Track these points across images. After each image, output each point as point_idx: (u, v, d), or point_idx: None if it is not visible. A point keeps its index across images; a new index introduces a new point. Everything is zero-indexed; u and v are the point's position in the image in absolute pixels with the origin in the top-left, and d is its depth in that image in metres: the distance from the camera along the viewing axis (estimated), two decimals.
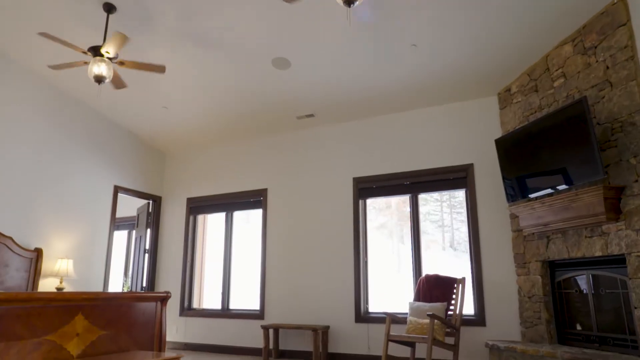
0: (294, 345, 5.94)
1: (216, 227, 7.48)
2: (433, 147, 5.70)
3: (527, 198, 4.54)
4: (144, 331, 4.24)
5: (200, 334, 6.68)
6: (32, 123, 5.72)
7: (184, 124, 6.78)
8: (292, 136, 6.72)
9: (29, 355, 3.33)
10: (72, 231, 6.06)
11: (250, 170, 6.93)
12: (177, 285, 7.09)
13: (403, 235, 10.08)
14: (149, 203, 7.50)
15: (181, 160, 7.65)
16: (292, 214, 6.43)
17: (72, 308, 3.65)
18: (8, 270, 5.18)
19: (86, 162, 6.36)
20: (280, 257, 6.36)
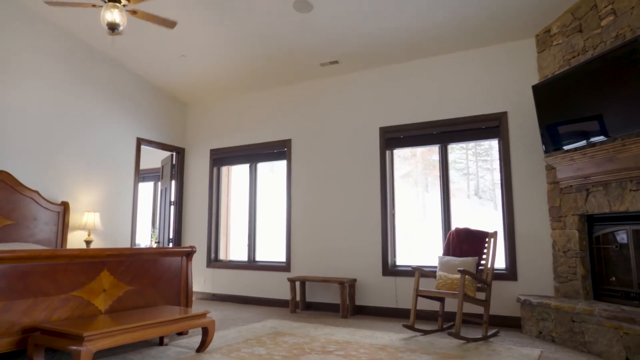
0: (320, 297, 5.96)
1: (241, 178, 7.39)
2: (464, 94, 5.35)
3: (566, 149, 4.22)
4: (171, 286, 4.25)
5: (227, 285, 6.77)
6: (54, 76, 5.59)
7: (205, 74, 6.55)
8: (316, 84, 6.43)
9: (57, 311, 3.36)
10: (97, 184, 6.06)
11: (273, 121, 6.73)
12: (204, 236, 7.13)
13: (428, 183, 9.87)
14: (173, 155, 7.43)
15: (203, 111, 7.48)
16: (317, 165, 6.26)
17: (97, 264, 3.64)
18: (37, 224, 5.24)
19: (108, 115, 6.25)
20: (306, 209, 6.27)
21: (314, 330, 4.63)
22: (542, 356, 3.61)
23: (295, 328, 4.72)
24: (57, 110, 5.65)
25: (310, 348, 3.86)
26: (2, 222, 4.90)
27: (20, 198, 5.08)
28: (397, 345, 3.98)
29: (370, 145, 5.88)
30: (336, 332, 4.54)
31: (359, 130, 5.99)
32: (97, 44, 6.00)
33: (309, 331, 4.57)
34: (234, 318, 5.31)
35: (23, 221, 5.10)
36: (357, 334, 4.45)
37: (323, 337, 4.27)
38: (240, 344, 3.99)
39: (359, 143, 5.97)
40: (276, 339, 4.19)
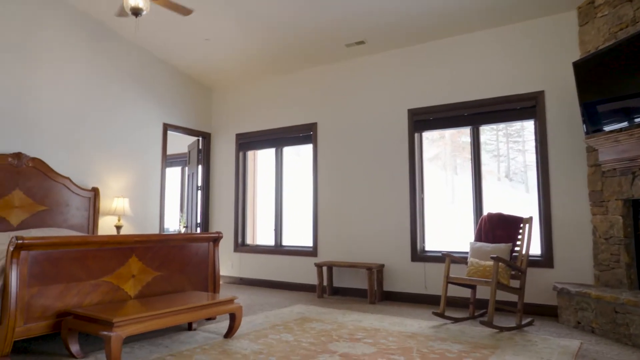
0: (348, 282, 5.90)
1: (267, 163, 7.35)
2: (498, 74, 5.11)
3: (609, 129, 3.97)
4: (198, 271, 4.26)
5: (254, 270, 6.79)
6: (82, 65, 5.62)
7: (229, 57, 6.48)
8: (342, 66, 6.27)
9: (89, 296, 3.40)
10: (126, 170, 6.12)
11: (298, 104, 6.62)
12: (231, 221, 7.15)
13: (457, 165, 9.63)
14: (199, 140, 7.44)
15: (229, 95, 7.43)
16: (343, 149, 6.15)
17: (126, 250, 3.66)
18: (69, 209, 5.33)
19: (135, 101, 6.28)
20: (332, 193, 6.18)
21: (342, 316, 4.58)
22: (582, 348, 3.45)
23: (322, 314, 4.68)
24: (86, 98, 5.69)
25: (338, 335, 3.81)
26: (36, 208, 5.01)
27: (53, 184, 5.16)
28: (426, 333, 3.89)
29: (398, 128, 5.72)
30: (364, 318, 4.48)
31: (386, 113, 5.83)
32: (123, 32, 5.99)
33: (336, 317, 4.52)
34: (261, 303, 5.32)
35: (56, 207, 5.19)
36: (386, 320, 4.38)
37: (351, 324, 4.22)
38: (268, 330, 3.98)
39: (386, 126, 5.81)
40: (303, 325, 4.16)
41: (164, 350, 3.34)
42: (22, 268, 3.02)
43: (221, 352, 3.31)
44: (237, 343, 3.55)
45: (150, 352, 3.29)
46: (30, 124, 5.10)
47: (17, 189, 4.84)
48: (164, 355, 3.22)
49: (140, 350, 3.34)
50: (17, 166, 4.86)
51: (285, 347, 3.45)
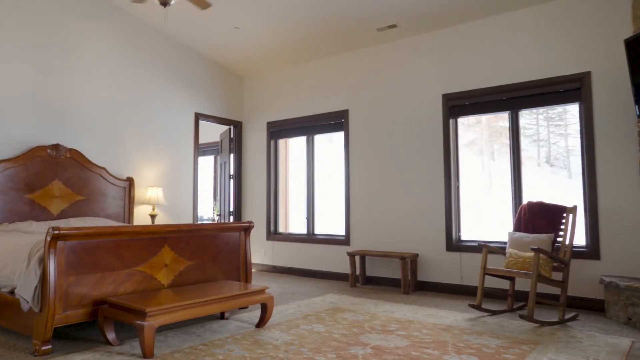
0: (381, 271, 5.81)
1: (299, 151, 7.31)
2: (539, 55, 4.84)
3: None
4: (230, 261, 4.26)
5: (287, 258, 6.79)
6: (115, 56, 5.70)
7: (259, 45, 6.42)
8: (373, 51, 6.11)
9: (124, 285, 3.45)
10: (159, 160, 6.20)
11: (329, 91, 6.51)
12: (263, 209, 7.16)
13: (494, 151, 9.28)
14: (230, 129, 7.46)
15: (259, 84, 7.40)
16: (375, 136, 6.01)
17: (158, 240, 3.69)
18: (106, 199, 5.44)
19: (167, 92, 6.33)
20: (365, 181, 6.08)
21: (374, 306, 4.50)
22: (633, 347, 3.24)
23: (355, 304, 4.62)
24: (120, 89, 5.77)
25: (370, 326, 3.74)
26: (74, 197, 5.14)
27: (90, 175, 5.28)
28: (462, 326, 3.76)
29: (432, 114, 5.54)
30: (397, 309, 4.39)
31: (420, 98, 5.65)
32: (154, 23, 6.02)
33: (369, 308, 4.45)
34: (293, 292, 5.30)
35: (93, 196, 5.31)
36: (420, 312, 4.28)
37: (383, 315, 4.14)
38: (299, 320, 3.95)
39: (420, 112, 5.64)
40: (335, 316, 4.12)
41: (196, 340, 3.36)
42: (59, 257, 3.08)
43: (253, 342, 3.30)
44: (268, 333, 3.54)
45: (183, 341, 3.32)
46: (67, 116, 5.22)
47: (56, 179, 4.98)
48: (196, 345, 3.24)
49: (173, 339, 3.37)
50: (56, 157, 4.98)
51: (316, 338, 3.42)
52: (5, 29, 4.77)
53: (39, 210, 4.81)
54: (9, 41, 4.79)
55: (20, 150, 4.79)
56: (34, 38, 4.98)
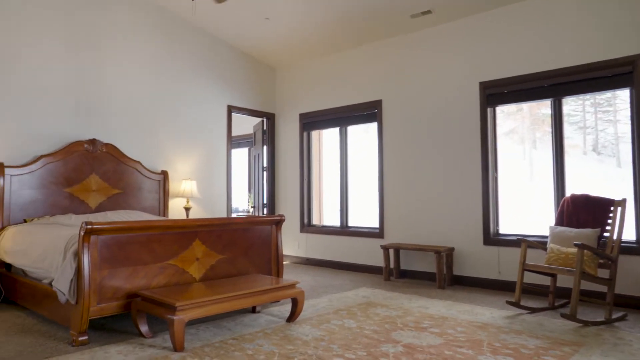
0: (415, 265, 5.69)
1: (332, 142, 7.22)
2: (584, 37, 4.55)
3: None
4: (261, 254, 4.25)
5: (320, 250, 6.76)
6: (148, 50, 5.77)
7: (290, 35, 6.35)
8: (407, 39, 5.92)
9: (156, 278, 3.49)
10: (193, 153, 6.27)
11: (362, 81, 6.38)
12: (296, 201, 7.14)
13: (536, 139, 8.87)
14: (263, 121, 7.45)
15: (291, 75, 7.34)
16: (410, 126, 5.85)
17: (189, 234, 3.71)
18: (142, 192, 5.55)
19: (200, 85, 6.37)
20: (399, 172, 5.94)
21: (408, 301, 4.40)
22: None
23: (388, 299, 4.53)
24: (154, 84, 5.84)
25: (402, 323, 3.65)
26: (111, 191, 5.26)
27: (125, 168, 5.39)
28: (499, 324, 3.61)
29: (469, 103, 5.33)
30: (432, 305, 4.27)
31: (456, 87, 5.44)
32: (186, 15, 6.05)
33: (402, 303, 4.36)
34: (326, 285, 5.26)
35: (129, 190, 5.43)
36: (455, 308, 4.14)
37: (417, 311, 4.03)
38: (331, 315, 3.90)
39: (456, 101, 5.43)
40: (367, 311, 4.04)
41: (227, 334, 3.37)
42: (92, 251, 3.14)
43: (282, 337, 3.28)
44: (298, 328, 3.51)
45: (213, 335, 3.34)
46: (102, 111, 5.33)
47: (93, 173, 5.11)
48: (226, 339, 3.25)
49: (204, 333, 3.39)
50: (93, 152, 5.11)
51: (347, 334, 3.36)
52: (43, 29, 4.90)
53: (77, 204, 4.96)
54: (48, 40, 4.92)
55: (59, 145, 4.93)
56: (70, 36, 5.10)
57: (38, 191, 4.69)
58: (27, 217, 4.57)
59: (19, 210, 4.55)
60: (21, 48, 4.73)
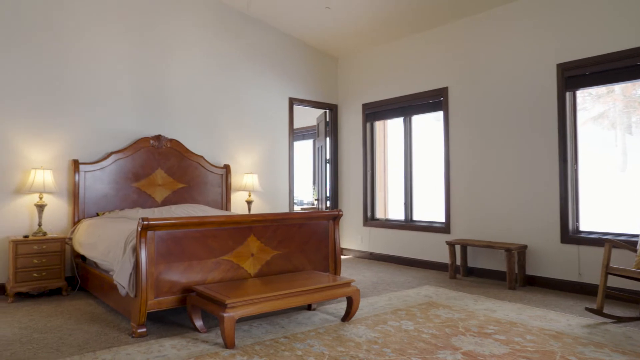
0: (484, 263, 5.34)
1: (397, 133, 6.97)
2: None
3: None
4: (318, 250, 4.17)
5: (384, 245, 6.57)
6: (209, 45, 5.87)
7: (352, 23, 6.17)
8: (473, 21, 5.51)
9: (211, 274, 3.52)
10: (254, 146, 6.32)
11: (427, 68, 6.06)
12: (360, 194, 6.99)
13: (631, 124, 7.98)
14: (326, 112, 7.36)
15: (354, 64, 7.16)
16: (478, 115, 5.47)
17: (244, 230, 3.71)
18: (205, 186, 5.69)
19: (260, 78, 6.39)
20: (466, 164, 5.58)
21: (474, 303, 4.12)
22: None
23: (451, 299, 4.27)
24: (215, 78, 5.94)
25: (465, 327, 3.40)
26: (176, 185, 5.44)
27: (189, 163, 5.54)
28: (576, 333, 3.25)
29: (544, 87, 4.86)
30: (499, 307, 3.96)
31: (529, 70, 4.98)
32: (243, 8, 6.07)
33: (467, 304, 4.08)
34: (387, 282, 5.09)
35: (193, 184, 5.58)
36: (525, 312, 3.81)
37: (482, 314, 3.75)
38: (388, 315, 3.74)
39: (530, 85, 4.98)
40: (428, 312, 3.83)
41: (279, 332, 3.33)
42: (149, 246, 3.22)
43: (335, 338, 3.18)
44: (352, 328, 3.39)
45: (266, 332, 3.31)
46: (166, 107, 5.51)
47: (159, 168, 5.30)
48: (278, 337, 3.20)
49: (257, 329, 3.38)
50: (158, 147, 5.29)
51: (403, 337, 3.19)
52: (114, 31, 5.13)
53: (145, 198, 5.18)
54: (117, 42, 5.15)
55: (128, 142, 5.16)
56: (138, 36, 5.30)
57: (109, 186, 4.95)
58: (99, 211, 4.84)
59: (92, 204, 4.82)
60: (94, 51, 4.99)
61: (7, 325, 3.47)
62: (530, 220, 4.93)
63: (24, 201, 4.53)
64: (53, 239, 4.36)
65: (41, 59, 4.67)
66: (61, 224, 4.73)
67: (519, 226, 5.03)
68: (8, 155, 4.47)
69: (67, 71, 4.81)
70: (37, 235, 4.36)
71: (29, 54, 4.60)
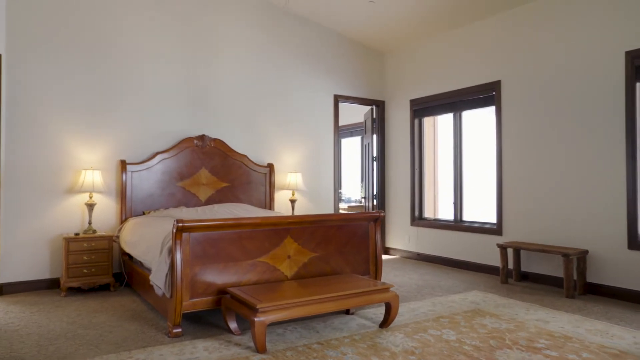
0: (539, 267, 4.98)
1: (447, 129, 6.67)
2: None
3: None
4: (357, 253, 4.03)
5: (432, 246, 6.32)
6: (252, 43, 5.88)
7: (397, 16, 5.95)
8: (529, 9, 5.13)
9: (247, 275, 3.49)
10: (298, 145, 6.26)
11: (478, 61, 5.73)
12: (407, 193, 6.76)
13: None
14: (372, 109, 7.18)
15: (401, 59, 6.92)
16: (533, 109, 5.10)
17: (280, 232, 3.65)
18: (249, 185, 5.70)
19: (304, 75, 6.32)
20: (521, 162, 5.23)
21: (525, 312, 3.83)
22: None
23: (500, 307, 4.01)
24: (258, 76, 5.94)
25: (512, 339, 3.16)
26: (219, 184, 5.49)
27: (232, 162, 5.58)
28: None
29: (610, 78, 4.43)
30: (553, 318, 3.65)
31: (592, 60, 4.56)
32: (288, 6, 6.02)
33: (517, 313, 3.80)
34: (432, 286, 4.87)
35: (236, 183, 5.61)
36: (584, 325, 3.48)
37: (533, 325, 3.47)
38: (430, 323, 3.55)
39: (592, 76, 4.56)
40: (473, 320, 3.60)
41: (313, 337, 3.24)
42: (184, 248, 3.23)
43: (370, 346, 3.05)
44: (390, 336, 3.24)
45: (299, 337, 3.23)
46: (210, 107, 5.57)
47: (203, 167, 5.37)
48: (311, 343, 3.12)
49: (291, 334, 3.31)
50: (202, 147, 5.36)
51: (442, 348, 3.00)
52: (162, 35, 5.24)
53: (189, 197, 5.26)
54: (165, 44, 5.26)
55: (173, 142, 5.27)
56: (184, 38, 5.39)
57: (155, 185, 5.07)
58: (145, 210, 4.98)
59: (139, 203, 4.97)
60: (140, 54, 5.12)
61: (58, 320, 3.63)
62: (592, 223, 4.53)
63: (75, 200, 4.74)
64: (101, 237, 4.52)
65: (91, 64, 4.85)
66: (110, 222, 4.91)
67: (578, 229, 4.64)
68: (61, 157, 4.69)
69: (114, 74, 4.97)
70: (87, 233, 4.54)
71: (79, 59, 4.79)
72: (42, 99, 4.60)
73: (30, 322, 3.58)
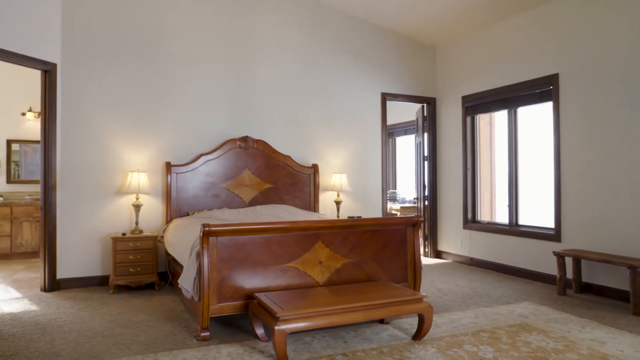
0: (603, 279, 4.52)
1: (502, 127, 6.26)
2: None
3: None
4: (394, 259, 3.86)
5: (485, 250, 5.96)
6: (295, 42, 5.85)
7: (449, 8, 5.64)
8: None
9: (275, 280, 3.45)
10: (344, 145, 6.14)
11: (534, 53, 5.30)
12: (459, 194, 6.43)
13: None
14: (423, 106, 6.89)
15: (452, 53, 6.57)
16: (595, 105, 4.62)
17: (311, 237, 3.56)
18: (292, 186, 5.68)
19: (350, 73, 6.18)
20: (582, 162, 4.77)
21: (579, 330, 3.47)
22: None
23: (551, 322, 3.67)
24: (302, 76, 5.89)
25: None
26: (262, 185, 5.51)
27: (276, 163, 5.57)
28: None
29: None
30: (612, 339, 3.28)
31: None
32: (328, 2, 5.90)
33: (569, 330, 3.46)
34: (480, 295, 4.57)
35: (280, 184, 5.61)
36: None
37: (586, 346, 3.14)
38: (467, 337, 3.32)
39: None
40: (516, 337, 3.32)
41: (340, 347, 3.14)
42: (212, 252, 3.25)
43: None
44: (420, 350, 3.06)
45: (325, 347, 3.14)
46: (253, 108, 5.60)
47: (246, 169, 5.41)
48: (336, 354, 3.02)
49: (318, 342, 3.22)
50: (245, 148, 5.41)
51: None
52: (200, 37, 5.35)
53: (232, 198, 5.33)
54: (209, 46, 5.36)
55: (216, 144, 5.35)
56: (228, 40, 5.46)
57: (199, 187, 5.18)
58: (189, 211, 5.10)
59: (183, 204, 5.10)
60: (185, 58, 5.25)
61: (100, 317, 3.80)
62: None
63: (123, 201, 4.95)
64: (146, 237, 4.69)
65: (139, 69, 5.04)
66: (156, 223, 5.08)
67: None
68: (111, 159, 4.92)
69: (159, 78, 5.13)
70: (134, 233, 4.74)
71: (127, 65, 4.99)
72: (93, 105, 4.85)
73: (75, 318, 3.78)
